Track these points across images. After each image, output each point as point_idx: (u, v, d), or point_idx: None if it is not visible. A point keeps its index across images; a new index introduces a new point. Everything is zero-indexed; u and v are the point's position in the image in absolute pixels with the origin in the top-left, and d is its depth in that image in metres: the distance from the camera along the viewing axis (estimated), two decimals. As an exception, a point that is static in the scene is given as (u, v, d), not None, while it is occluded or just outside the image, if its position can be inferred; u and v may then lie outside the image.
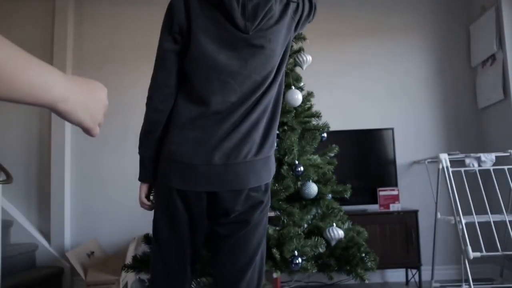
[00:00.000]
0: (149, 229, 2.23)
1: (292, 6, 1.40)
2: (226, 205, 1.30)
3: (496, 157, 2.97)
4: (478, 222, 2.67)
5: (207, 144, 1.27)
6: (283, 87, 1.44)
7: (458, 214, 2.69)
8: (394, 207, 3.31)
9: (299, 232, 1.93)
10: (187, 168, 1.28)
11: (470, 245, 2.56)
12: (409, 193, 3.57)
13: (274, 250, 1.85)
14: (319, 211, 2.15)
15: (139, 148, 1.39)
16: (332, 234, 1.96)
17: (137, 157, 1.40)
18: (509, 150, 3.01)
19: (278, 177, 2.05)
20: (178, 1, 1.33)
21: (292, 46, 2.32)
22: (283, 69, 1.41)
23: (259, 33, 1.33)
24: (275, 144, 1.43)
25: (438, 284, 3.20)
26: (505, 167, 2.88)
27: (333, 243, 1.97)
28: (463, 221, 2.67)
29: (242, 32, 1.32)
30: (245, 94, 1.31)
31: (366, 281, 2.01)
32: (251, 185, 1.30)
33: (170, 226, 1.33)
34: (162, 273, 1.36)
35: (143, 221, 2.81)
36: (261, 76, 1.32)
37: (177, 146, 1.29)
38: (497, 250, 2.68)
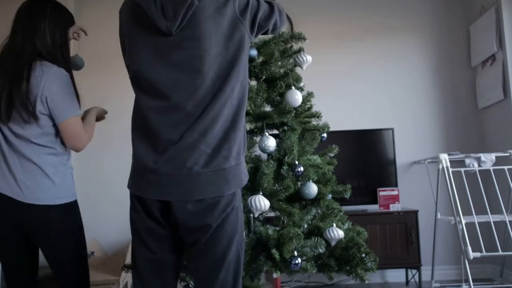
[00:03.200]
0: (149, 229, 2.23)
1: (237, 4, 1.31)
2: (176, 215, 1.28)
3: (496, 157, 2.97)
4: (478, 222, 2.67)
5: (155, 152, 1.27)
6: (245, 94, 1.34)
7: (458, 214, 2.70)
8: (394, 207, 3.31)
9: (299, 232, 1.93)
10: (139, 174, 1.32)
11: (470, 245, 2.56)
12: (409, 193, 3.57)
13: (274, 251, 1.85)
14: (319, 211, 2.15)
15: None
16: (332, 235, 1.96)
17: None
18: (509, 150, 3.01)
19: (278, 177, 2.05)
20: (120, 14, 1.42)
21: (291, 46, 2.32)
22: (241, 74, 1.32)
23: (185, 33, 1.26)
24: (241, 153, 1.32)
25: (438, 284, 3.20)
26: (505, 167, 2.87)
27: (333, 243, 1.97)
28: (463, 221, 2.67)
29: (166, 35, 1.26)
30: (186, 102, 1.25)
31: (366, 281, 2.01)
32: (197, 198, 1.25)
33: (132, 230, 1.37)
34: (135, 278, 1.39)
35: (143, 221, 2.81)
36: (200, 81, 1.25)
37: (134, 151, 1.34)
38: (497, 250, 2.69)
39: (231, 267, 1.33)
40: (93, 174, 3.64)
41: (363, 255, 1.98)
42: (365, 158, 3.56)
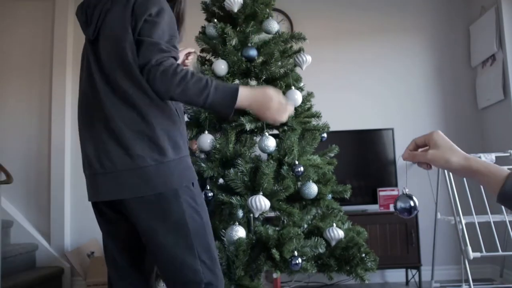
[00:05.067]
0: (149, 229, 2.23)
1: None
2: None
3: (496, 157, 2.97)
4: (478, 222, 2.66)
5: (82, 153, 1.35)
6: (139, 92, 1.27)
7: (458, 214, 2.69)
8: (394, 207, 3.31)
9: (299, 232, 1.93)
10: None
11: (470, 245, 2.56)
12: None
13: (274, 250, 1.85)
14: (319, 211, 2.15)
15: None
16: (332, 235, 1.96)
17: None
18: (509, 150, 3.01)
19: (278, 177, 2.05)
20: None
21: (291, 46, 2.32)
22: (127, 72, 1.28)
23: (100, 37, 1.31)
24: (147, 154, 1.24)
25: (438, 284, 3.20)
26: (505, 167, 2.87)
27: (333, 243, 1.97)
28: (463, 221, 2.67)
29: (91, 43, 1.33)
30: (91, 107, 1.31)
31: (366, 281, 2.01)
32: (106, 199, 1.30)
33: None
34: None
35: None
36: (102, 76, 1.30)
37: None
38: (497, 250, 2.68)
39: (186, 269, 1.29)
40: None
41: (363, 255, 1.98)
42: (365, 158, 3.56)
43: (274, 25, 2.24)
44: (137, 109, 1.25)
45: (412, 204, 0.97)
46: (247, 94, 1.26)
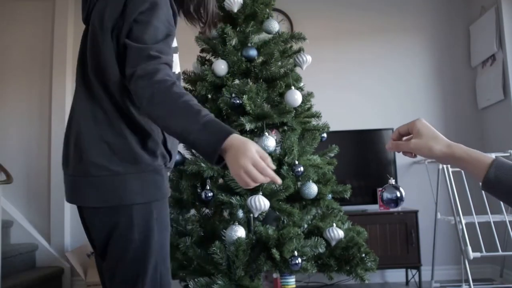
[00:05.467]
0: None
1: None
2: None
3: (496, 157, 2.96)
4: (478, 222, 2.66)
5: None
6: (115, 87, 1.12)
7: (458, 214, 2.69)
8: (394, 207, 3.31)
9: (299, 232, 1.93)
10: None
11: (470, 245, 2.56)
12: (409, 193, 3.57)
13: (274, 250, 1.85)
14: (319, 211, 2.15)
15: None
16: (332, 234, 1.96)
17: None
18: (509, 150, 3.01)
19: (278, 177, 2.05)
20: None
21: (291, 46, 2.32)
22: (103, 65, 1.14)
23: (90, 27, 1.17)
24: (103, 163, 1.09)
25: (438, 284, 3.20)
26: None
27: (333, 243, 1.97)
28: (463, 221, 2.67)
29: (86, 30, 1.20)
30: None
31: (366, 281, 2.01)
32: (68, 201, 1.18)
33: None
34: None
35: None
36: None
37: None
38: (497, 250, 2.68)
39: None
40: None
41: (363, 255, 1.98)
42: (365, 158, 3.55)
43: (274, 25, 2.24)
44: (103, 111, 1.10)
45: (398, 194, 0.95)
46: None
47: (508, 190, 0.81)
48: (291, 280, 2.67)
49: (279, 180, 1.02)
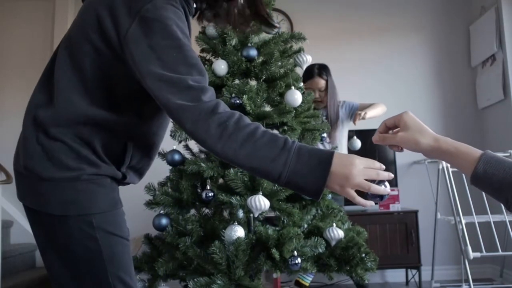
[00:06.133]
0: (149, 229, 2.23)
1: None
2: None
3: (496, 157, 2.97)
4: (478, 222, 2.67)
5: None
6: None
7: (458, 214, 2.69)
8: (394, 207, 3.31)
9: (299, 232, 1.93)
10: None
11: (470, 245, 2.56)
12: (409, 193, 3.57)
13: (274, 250, 1.85)
14: (319, 211, 2.15)
15: None
16: (332, 234, 1.96)
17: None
18: (509, 150, 3.01)
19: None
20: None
21: (291, 46, 2.32)
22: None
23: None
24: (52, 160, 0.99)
25: (438, 284, 3.20)
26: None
27: (333, 243, 1.97)
28: (463, 221, 2.67)
29: None
30: None
31: (366, 281, 2.01)
32: (22, 201, 1.06)
33: None
34: None
35: (143, 221, 2.81)
36: None
37: None
38: (497, 250, 2.68)
39: None
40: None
41: (363, 255, 1.98)
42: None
43: (274, 25, 2.24)
44: (54, 100, 1.01)
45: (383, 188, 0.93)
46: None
47: (497, 185, 0.80)
48: (308, 278, 2.73)
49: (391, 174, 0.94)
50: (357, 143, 2.88)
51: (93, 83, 1.00)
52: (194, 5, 1.12)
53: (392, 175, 0.93)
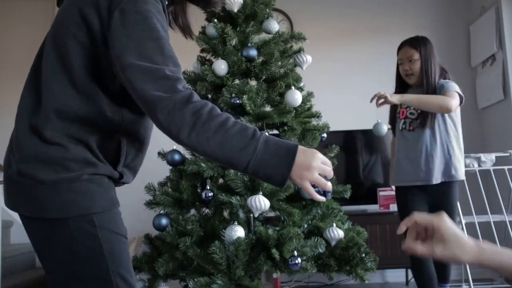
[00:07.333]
0: (149, 229, 2.23)
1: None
2: None
3: (496, 157, 2.97)
4: (478, 222, 2.67)
5: None
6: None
7: (458, 214, 2.69)
8: (394, 207, 3.31)
9: (299, 232, 1.93)
10: None
11: (470, 245, 2.56)
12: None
13: (274, 250, 1.85)
14: (319, 211, 2.15)
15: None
16: (332, 235, 1.96)
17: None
18: (509, 150, 3.01)
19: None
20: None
21: (291, 46, 2.32)
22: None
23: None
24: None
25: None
26: (505, 167, 2.87)
27: (333, 243, 1.97)
28: (463, 221, 2.67)
29: None
30: None
31: (366, 281, 2.01)
32: (12, 208, 1.03)
33: None
34: None
35: (143, 221, 2.81)
36: None
37: None
38: (497, 250, 2.68)
39: None
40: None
41: (363, 255, 1.98)
42: (365, 158, 3.56)
43: (274, 25, 2.24)
44: (42, 101, 1.01)
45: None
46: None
47: None
48: None
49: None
50: (383, 129, 2.45)
51: (84, 81, 1.00)
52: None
53: (333, 174, 0.98)
